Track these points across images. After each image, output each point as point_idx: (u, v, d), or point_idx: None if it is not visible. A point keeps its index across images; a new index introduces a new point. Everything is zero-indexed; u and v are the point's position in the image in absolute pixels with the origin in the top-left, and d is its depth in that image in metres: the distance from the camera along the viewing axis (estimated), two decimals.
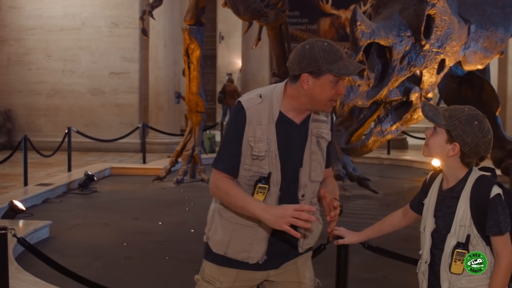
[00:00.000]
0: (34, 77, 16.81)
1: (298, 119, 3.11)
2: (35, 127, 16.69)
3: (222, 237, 3.15)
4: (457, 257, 2.94)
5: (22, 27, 16.75)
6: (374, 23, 5.52)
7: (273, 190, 3.05)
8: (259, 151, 3.01)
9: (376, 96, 5.53)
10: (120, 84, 16.63)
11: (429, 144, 3.03)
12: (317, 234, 3.25)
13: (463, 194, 2.95)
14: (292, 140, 3.09)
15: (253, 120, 3.04)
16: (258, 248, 3.10)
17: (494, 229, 2.89)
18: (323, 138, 3.14)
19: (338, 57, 2.95)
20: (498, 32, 6.37)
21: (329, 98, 3.01)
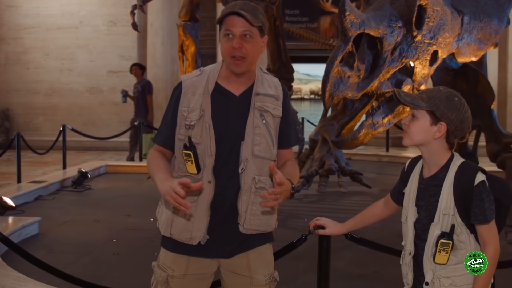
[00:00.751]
0: (32, 76, 16.76)
1: (238, 91, 3.04)
2: (33, 126, 16.64)
3: (166, 216, 3.09)
4: (442, 248, 2.84)
5: (20, 26, 16.70)
6: (364, 14, 5.42)
7: (208, 161, 2.97)
8: (191, 120, 2.97)
9: (366, 88, 5.42)
10: (118, 82, 16.56)
11: (410, 130, 2.92)
12: (269, 218, 3.13)
13: (446, 181, 2.86)
14: (229, 112, 3.01)
15: (188, 91, 3.03)
16: (199, 225, 3.01)
17: (480, 217, 2.80)
18: (267, 112, 3.05)
19: (229, 6, 2.96)
20: (492, 24, 6.27)
21: (228, 53, 2.97)
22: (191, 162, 2.96)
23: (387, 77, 5.57)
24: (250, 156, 3.02)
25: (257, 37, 3.00)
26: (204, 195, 2.99)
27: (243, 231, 3.06)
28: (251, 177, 3.03)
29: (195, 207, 3.00)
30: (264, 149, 3.04)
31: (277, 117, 3.10)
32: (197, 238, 3.02)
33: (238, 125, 3.02)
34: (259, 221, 3.08)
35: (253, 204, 3.05)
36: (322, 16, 22.00)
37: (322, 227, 3.34)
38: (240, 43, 2.93)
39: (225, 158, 3.00)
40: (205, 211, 3.00)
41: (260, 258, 3.15)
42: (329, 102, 5.29)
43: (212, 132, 2.97)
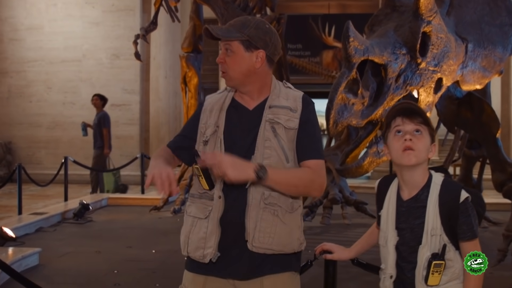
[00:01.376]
0: (35, 109, 16.76)
1: (251, 105, 3.00)
2: (35, 159, 16.59)
3: (184, 235, 3.05)
4: (435, 269, 2.78)
5: (23, 59, 16.74)
6: (368, 40, 5.39)
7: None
8: (206, 136, 2.96)
9: (371, 115, 5.37)
10: (120, 116, 16.54)
11: (419, 147, 2.83)
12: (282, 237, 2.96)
13: (430, 201, 2.80)
14: (240, 126, 2.97)
15: (207, 108, 3.06)
16: (210, 243, 2.93)
17: (468, 234, 2.76)
18: (279, 124, 2.95)
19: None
20: (496, 51, 6.24)
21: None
22: (201, 177, 2.91)
23: (392, 104, 5.52)
24: None
25: (239, 51, 2.95)
26: (215, 212, 2.93)
27: (252, 249, 2.95)
28: (260, 193, 2.94)
29: (207, 223, 2.95)
30: (275, 163, 2.93)
31: (291, 129, 2.97)
32: (208, 256, 2.94)
33: (249, 139, 2.96)
34: (270, 239, 2.94)
35: (262, 220, 2.95)
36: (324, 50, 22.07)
37: (329, 252, 3.26)
38: (221, 58, 2.95)
39: None
40: (215, 228, 2.93)
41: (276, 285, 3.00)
42: (334, 130, 5.23)
43: (222, 146, 2.93)
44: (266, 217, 2.94)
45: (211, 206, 2.93)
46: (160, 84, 16.00)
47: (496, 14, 6.35)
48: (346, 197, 7.82)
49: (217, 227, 2.93)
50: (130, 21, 16.09)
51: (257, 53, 2.97)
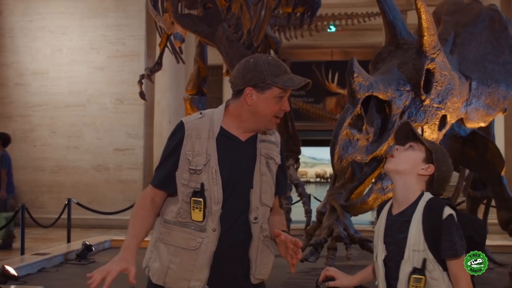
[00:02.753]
0: (39, 153, 16.78)
1: (243, 137, 3.00)
2: (38, 203, 16.55)
3: (161, 264, 3.00)
4: (414, 284, 2.79)
5: (28, 104, 16.82)
6: (372, 77, 5.43)
7: (214, 208, 2.91)
8: (197, 165, 2.91)
9: (375, 151, 5.38)
10: (124, 160, 16.56)
11: (401, 156, 2.94)
12: (269, 265, 3.08)
13: (415, 217, 2.84)
14: (236, 157, 2.97)
15: (192, 134, 2.98)
16: (199, 276, 2.91)
17: (450, 252, 2.76)
18: (272, 159, 3.02)
19: (283, 71, 2.89)
20: (500, 89, 6.27)
21: (273, 113, 2.93)
22: (199, 209, 2.90)
23: None
24: (258, 204, 2.98)
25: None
26: (208, 244, 2.91)
27: (254, 282, 2.98)
28: (260, 226, 2.98)
29: (196, 255, 2.92)
30: (269, 198, 3.03)
31: (277, 164, 3.06)
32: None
33: (246, 171, 2.97)
34: (265, 269, 3.05)
35: (262, 252, 2.99)
36: (328, 96, 22.22)
37: (333, 278, 3.25)
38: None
39: (231, 205, 2.95)
40: (207, 260, 2.92)
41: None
42: (338, 165, 5.24)
43: (219, 178, 2.92)
44: (264, 249, 3.00)
45: (202, 238, 2.90)
46: (164, 128, 16.04)
47: (499, 52, 6.40)
48: (351, 235, 7.78)
49: (209, 260, 2.92)
50: (134, 67, 16.19)
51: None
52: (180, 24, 7.02)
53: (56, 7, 16.81)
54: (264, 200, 2.99)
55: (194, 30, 6.88)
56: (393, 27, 5.79)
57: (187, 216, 2.94)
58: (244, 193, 2.96)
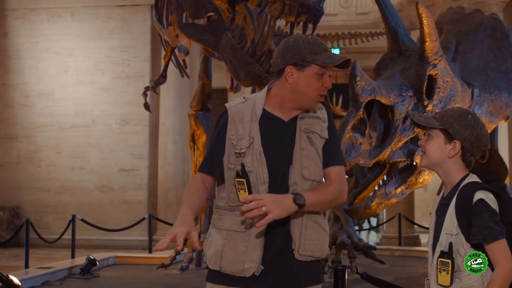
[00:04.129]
0: (44, 174, 16.80)
1: (286, 118, 3.00)
2: (43, 224, 16.52)
3: (215, 249, 2.99)
4: (441, 267, 2.75)
5: (33, 125, 16.89)
6: (375, 82, 5.47)
7: (261, 189, 2.91)
8: (241, 148, 2.91)
9: (378, 155, 5.41)
10: (129, 180, 16.57)
11: (427, 150, 2.90)
12: (321, 242, 3.04)
13: (453, 200, 2.80)
14: (279, 137, 2.97)
15: (235, 119, 2.97)
16: (252, 257, 2.90)
17: (478, 237, 2.70)
18: (315, 133, 3.00)
19: (322, 49, 2.90)
20: (502, 97, 6.31)
21: (315, 91, 2.92)
22: (244, 190, 2.92)
23: (399, 146, 5.56)
24: (299, 179, 2.97)
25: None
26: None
27: (298, 258, 2.97)
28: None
29: (248, 236, 2.93)
30: (313, 172, 2.99)
31: (324, 139, 3.05)
32: (251, 270, 2.92)
33: (286, 150, 2.98)
34: (314, 246, 3.00)
35: (307, 228, 2.97)
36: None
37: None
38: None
39: (278, 185, 2.96)
40: (259, 241, 2.92)
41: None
42: None
43: (263, 159, 2.93)
44: (310, 224, 2.98)
45: (252, 220, 2.91)
46: (168, 149, 16.05)
47: (501, 60, 6.45)
48: (354, 242, 7.78)
49: (261, 240, 2.93)
50: (139, 87, 16.20)
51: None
52: (185, 33, 7.08)
53: (62, 28, 16.95)
54: (307, 175, 2.97)
55: (199, 39, 6.93)
56: (395, 33, 5.84)
57: (236, 200, 2.95)
58: (286, 171, 2.97)
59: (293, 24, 6.34)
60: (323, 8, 6.20)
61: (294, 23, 6.28)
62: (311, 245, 2.98)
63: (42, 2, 17.04)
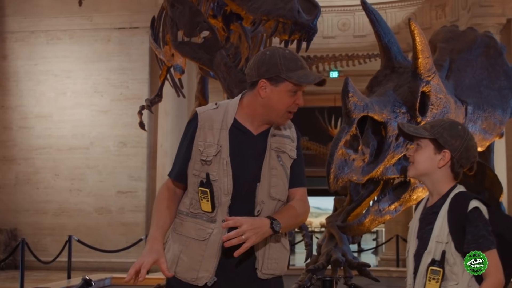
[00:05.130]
0: (42, 196, 16.80)
1: (256, 131, 2.99)
2: (40, 246, 16.46)
3: (173, 254, 3.00)
4: (432, 276, 2.74)
5: (31, 147, 16.91)
6: (368, 98, 5.46)
7: (224, 200, 2.91)
8: (207, 155, 2.89)
9: (372, 172, 5.38)
10: (127, 203, 16.56)
11: (415, 160, 2.91)
12: (283, 261, 3.04)
13: (442, 209, 2.81)
14: (247, 150, 2.96)
15: (205, 125, 2.97)
16: (207, 266, 2.90)
17: (473, 245, 2.70)
18: (285, 153, 3.01)
19: (298, 66, 2.89)
20: (496, 114, 6.29)
21: (286, 108, 2.92)
22: (207, 200, 2.91)
23: (393, 162, 5.53)
24: (266, 198, 2.96)
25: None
26: (217, 235, 2.91)
27: (261, 277, 2.96)
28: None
29: (205, 246, 2.92)
30: (280, 192, 3.00)
31: (292, 159, 3.05)
32: (204, 279, 2.92)
33: (254, 165, 2.97)
34: (276, 264, 3.01)
35: (271, 247, 2.97)
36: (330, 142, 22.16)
37: None
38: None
39: (241, 198, 2.95)
40: (215, 251, 2.92)
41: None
42: (334, 185, 5.23)
43: (229, 169, 2.93)
44: (273, 243, 2.97)
45: (212, 229, 2.91)
46: (166, 171, 15.89)
47: (494, 78, 6.44)
48: (349, 260, 7.73)
49: (217, 251, 2.92)
50: (137, 109, 16.23)
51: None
52: (179, 51, 7.08)
53: (61, 51, 17.03)
54: (274, 194, 2.97)
55: (193, 58, 6.93)
56: (389, 50, 5.83)
57: (198, 207, 2.96)
58: (252, 187, 2.96)
59: (287, 42, 6.34)
60: (317, 26, 6.21)
61: (288, 41, 6.29)
62: (274, 264, 2.99)
63: (41, 24, 17.14)
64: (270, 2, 6.11)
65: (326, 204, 56.16)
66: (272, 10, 6.06)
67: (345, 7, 17.71)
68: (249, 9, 6.25)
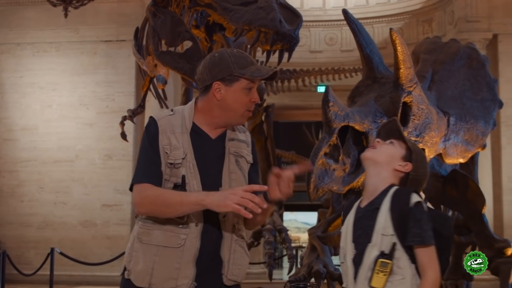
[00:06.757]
0: (26, 209, 16.66)
1: (213, 134, 2.97)
2: (24, 259, 16.32)
3: (144, 266, 2.88)
4: (380, 268, 2.72)
5: (16, 159, 16.80)
6: (349, 108, 5.44)
7: None
8: (175, 158, 2.86)
9: (352, 182, 5.35)
10: (112, 216, 16.44)
11: (380, 147, 2.93)
12: (244, 267, 3.01)
13: (383, 205, 2.83)
14: (207, 154, 2.94)
15: (166, 129, 2.94)
16: (186, 273, 2.84)
17: (417, 238, 2.71)
18: (242, 158, 3.00)
19: (249, 62, 2.89)
20: (478, 125, 6.29)
21: (243, 106, 2.90)
22: None
23: None
24: None
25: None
26: (192, 240, 2.86)
27: (226, 283, 2.92)
28: (231, 225, 2.94)
29: (181, 252, 2.87)
30: None
31: (249, 163, 3.03)
32: (183, 286, 2.86)
33: (214, 169, 2.95)
34: (239, 270, 2.99)
35: (235, 252, 2.93)
36: None
37: None
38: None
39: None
40: (192, 257, 2.87)
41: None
42: (314, 194, 5.19)
43: (196, 172, 2.91)
44: (237, 249, 2.94)
45: (186, 234, 2.86)
46: None
47: (477, 89, 6.44)
48: (330, 272, 7.70)
49: (194, 256, 2.87)
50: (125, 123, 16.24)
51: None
52: (161, 61, 7.05)
53: (47, 63, 16.96)
54: None
55: (174, 67, 6.90)
56: (370, 61, 5.83)
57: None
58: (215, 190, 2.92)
59: (269, 52, 6.33)
60: (299, 36, 6.19)
61: (270, 51, 6.27)
62: (237, 270, 2.97)
63: (27, 37, 17.09)
64: (252, 12, 6.09)
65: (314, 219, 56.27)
66: (253, 20, 6.05)
67: (333, 21, 17.75)
68: (231, 19, 6.23)
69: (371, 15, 17.42)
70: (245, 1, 6.21)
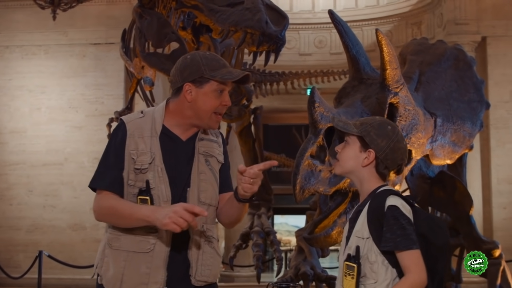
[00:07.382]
0: (15, 212, 16.58)
1: (184, 136, 2.96)
2: (13, 263, 16.26)
3: (114, 271, 2.88)
4: (347, 271, 2.69)
5: (5, 162, 16.72)
6: (335, 109, 5.42)
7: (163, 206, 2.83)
8: (142, 164, 2.84)
9: (339, 183, 5.32)
10: None
11: (340, 157, 2.89)
12: (216, 268, 3.00)
13: (364, 208, 2.77)
14: (177, 156, 2.92)
15: (134, 133, 2.91)
16: (156, 278, 2.82)
17: (390, 244, 2.64)
18: (213, 157, 2.98)
19: (221, 64, 2.88)
20: (465, 126, 6.28)
21: (213, 109, 2.90)
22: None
23: None
24: (196, 203, 2.92)
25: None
26: (161, 245, 2.84)
27: (195, 283, 2.90)
28: (200, 226, 2.91)
29: (151, 257, 2.84)
30: (210, 196, 2.97)
31: (220, 163, 3.02)
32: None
33: (183, 170, 2.93)
34: (209, 271, 2.96)
35: (204, 253, 2.91)
36: None
37: None
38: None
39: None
40: (162, 261, 2.85)
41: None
42: (300, 195, 5.16)
43: (165, 176, 2.88)
44: (207, 250, 2.93)
45: (154, 239, 2.84)
46: None
47: (464, 90, 6.43)
48: (317, 274, 7.66)
49: (164, 260, 2.86)
50: (112, 125, 16.18)
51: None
52: (147, 62, 7.03)
53: (35, 66, 16.89)
54: (203, 199, 2.95)
55: (161, 69, 6.88)
56: (357, 62, 5.82)
57: None
58: (184, 193, 2.92)
59: (255, 54, 6.32)
60: (285, 37, 6.18)
61: (257, 52, 6.25)
62: (207, 271, 2.95)
63: (16, 39, 17.01)
64: (238, 13, 6.07)
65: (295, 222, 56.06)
66: (240, 21, 6.03)
67: (322, 24, 17.73)
68: (217, 20, 6.22)
69: (360, 17, 17.45)
70: (232, 2, 6.20)
